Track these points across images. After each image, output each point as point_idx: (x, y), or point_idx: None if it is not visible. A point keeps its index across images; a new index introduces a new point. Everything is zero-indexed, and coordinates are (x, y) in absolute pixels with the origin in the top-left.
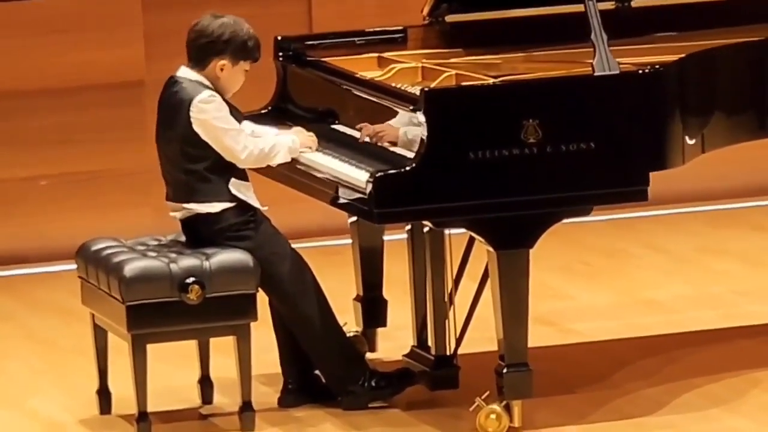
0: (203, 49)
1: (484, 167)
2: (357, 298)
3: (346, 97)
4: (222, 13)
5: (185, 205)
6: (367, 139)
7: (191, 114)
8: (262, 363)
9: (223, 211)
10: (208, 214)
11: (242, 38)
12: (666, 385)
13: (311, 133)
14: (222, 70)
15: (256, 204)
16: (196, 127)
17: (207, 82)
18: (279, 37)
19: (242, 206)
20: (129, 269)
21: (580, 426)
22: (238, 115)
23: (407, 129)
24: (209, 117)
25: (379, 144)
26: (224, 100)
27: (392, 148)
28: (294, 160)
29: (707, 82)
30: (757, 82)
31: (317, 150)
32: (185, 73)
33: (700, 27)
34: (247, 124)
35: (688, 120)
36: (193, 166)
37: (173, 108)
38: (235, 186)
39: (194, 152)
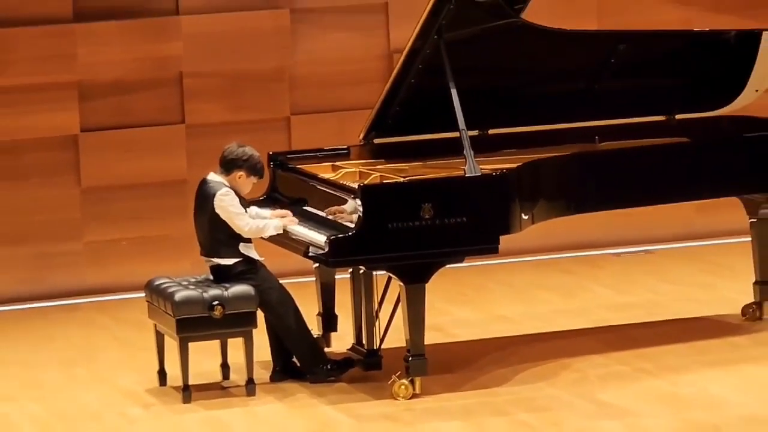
0: (231, 163)
1: (398, 233)
2: (318, 314)
3: (313, 189)
4: (243, 143)
5: (212, 259)
6: (330, 217)
7: (215, 203)
8: (259, 354)
9: (235, 263)
10: (226, 265)
11: (255, 162)
12: (510, 368)
13: (293, 218)
14: (239, 178)
15: (256, 257)
16: (217, 210)
17: (227, 183)
18: (270, 153)
19: (247, 260)
20: (178, 296)
21: (457, 393)
22: (244, 203)
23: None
24: (226, 205)
25: (338, 220)
26: (236, 194)
27: (341, 221)
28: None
29: (535, 180)
30: (565, 181)
31: (295, 224)
32: (213, 177)
33: (529, 146)
34: (254, 208)
35: (523, 203)
36: (216, 235)
37: (204, 198)
38: (242, 247)
39: (217, 226)
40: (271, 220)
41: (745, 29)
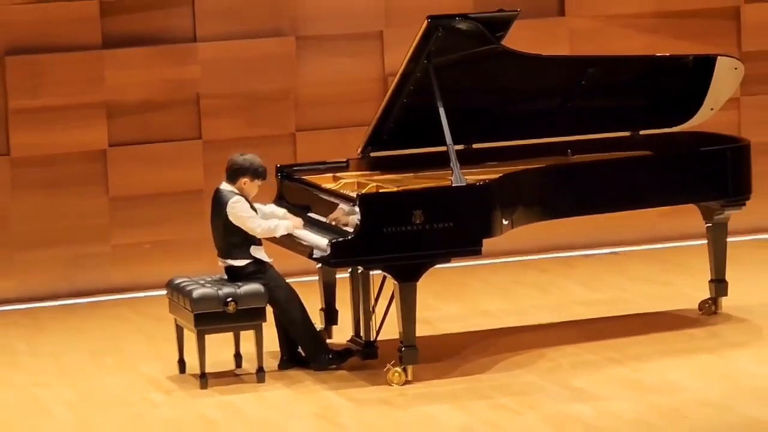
0: (235, 172)
1: (392, 237)
2: (321, 309)
3: (315, 197)
4: (245, 152)
5: (226, 261)
6: (333, 223)
7: (228, 211)
8: (268, 345)
9: (246, 264)
10: (238, 266)
11: (257, 166)
12: (491, 357)
13: (301, 219)
14: (245, 184)
15: (265, 258)
16: (231, 218)
17: (236, 191)
18: (278, 165)
19: (257, 261)
20: (195, 293)
21: (445, 380)
22: (254, 208)
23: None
24: (237, 211)
25: (338, 225)
26: (246, 200)
27: (343, 227)
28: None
29: (514, 189)
30: (541, 189)
31: (302, 225)
32: (225, 186)
33: (509, 159)
34: (271, 205)
35: (503, 210)
36: (230, 238)
37: (219, 206)
38: (253, 250)
39: (230, 231)
40: (282, 221)
41: (701, 54)
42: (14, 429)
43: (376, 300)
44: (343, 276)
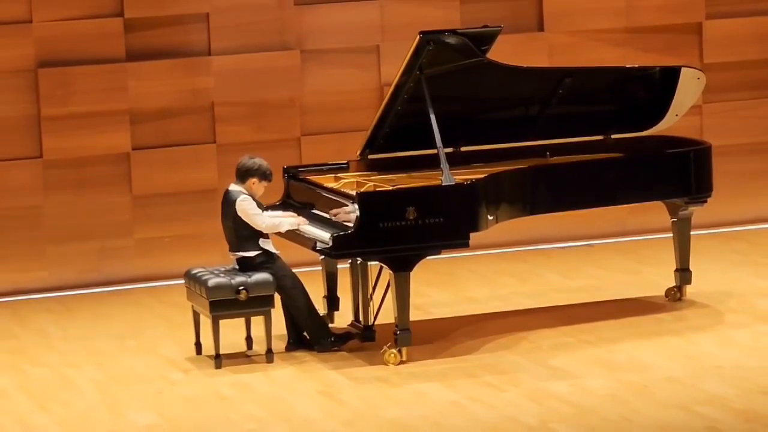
0: (245, 173)
1: (387, 231)
2: (324, 296)
3: (319, 196)
4: (254, 155)
5: (237, 253)
6: (334, 218)
7: (236, 207)
8: (276, 329)
9: (255, 255)
10: (248, 257)
11: (264, 169)
12: (477, 340)
13: (303, 218)
14: (253, 184)
15: (273, 250)
16: (239, 214)
17: (245, 191)
18: (284, 166)
19: (265, 253)
20: (211, 282)
21: (436, 360)
22: (260, 205)
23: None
24: (245, 208)
25: (340, 220)
26: (253, 198)
27: (343, 222)
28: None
29: (498, 188)
30: (522, 188)
31: (305, 224)
32: (233, 187)
33: (494, 160)
34: (270, 211)
35: (488, 206)
36: (240, 232)
37: (228, 204)
38: (262, 242)
39: (239, 226)
40: (286, 219)
41: (667, 65)
42: (47, 404)
43: (374, 288)
44: (343, 266)
